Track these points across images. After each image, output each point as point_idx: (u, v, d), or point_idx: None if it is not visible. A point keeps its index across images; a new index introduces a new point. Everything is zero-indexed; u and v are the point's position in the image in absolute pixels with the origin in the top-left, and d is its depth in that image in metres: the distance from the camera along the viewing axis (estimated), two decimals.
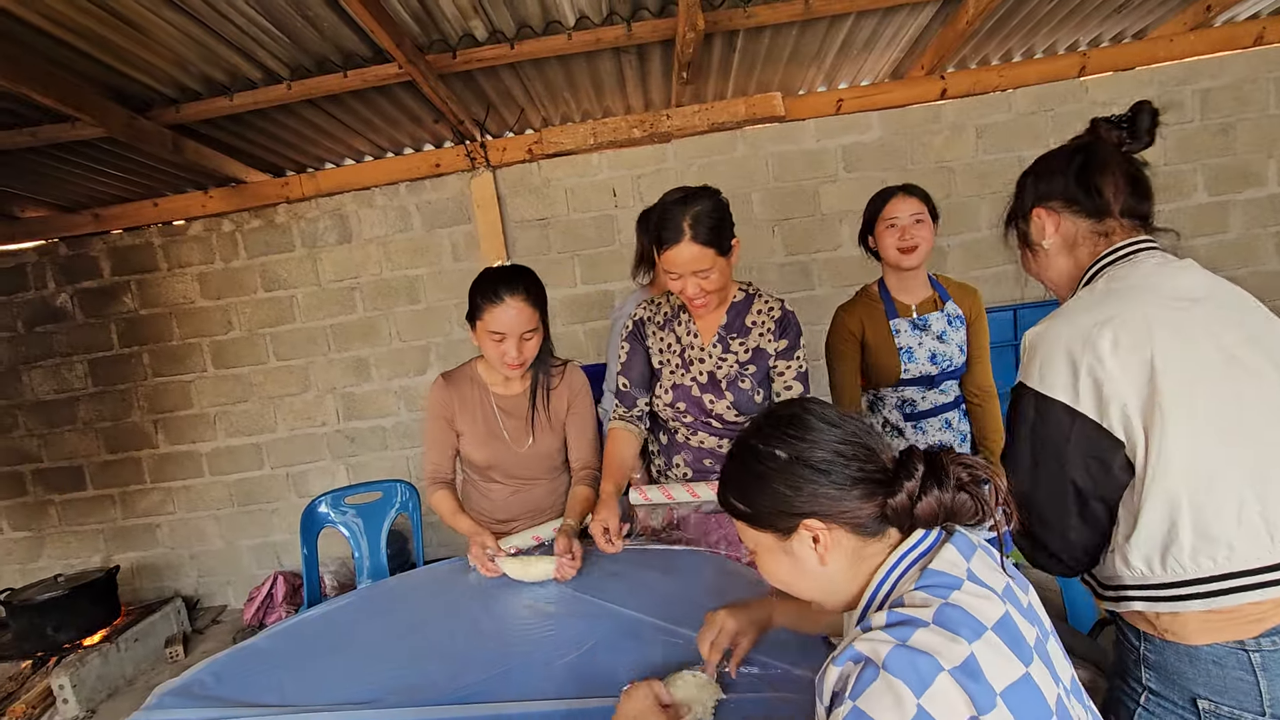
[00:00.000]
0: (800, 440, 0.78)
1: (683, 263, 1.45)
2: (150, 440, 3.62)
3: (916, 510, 0.74)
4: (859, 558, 0.77)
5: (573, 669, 1.13)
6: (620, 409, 1.68)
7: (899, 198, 1.83)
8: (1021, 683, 0.65)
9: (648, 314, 1.69)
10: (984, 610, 0.68)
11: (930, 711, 0.61)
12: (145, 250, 3.52)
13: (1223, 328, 0.91)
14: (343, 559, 3.46)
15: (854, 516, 0.75)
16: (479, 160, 3.35)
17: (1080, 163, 1.06)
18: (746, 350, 1.60)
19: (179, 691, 1.20)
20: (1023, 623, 0.70)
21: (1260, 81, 3.26)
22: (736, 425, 1.63)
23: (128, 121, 2.50)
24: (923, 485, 0.74)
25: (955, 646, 0.64)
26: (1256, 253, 3.37)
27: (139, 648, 3.16)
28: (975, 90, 3.29)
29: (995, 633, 0.67)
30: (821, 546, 0.76)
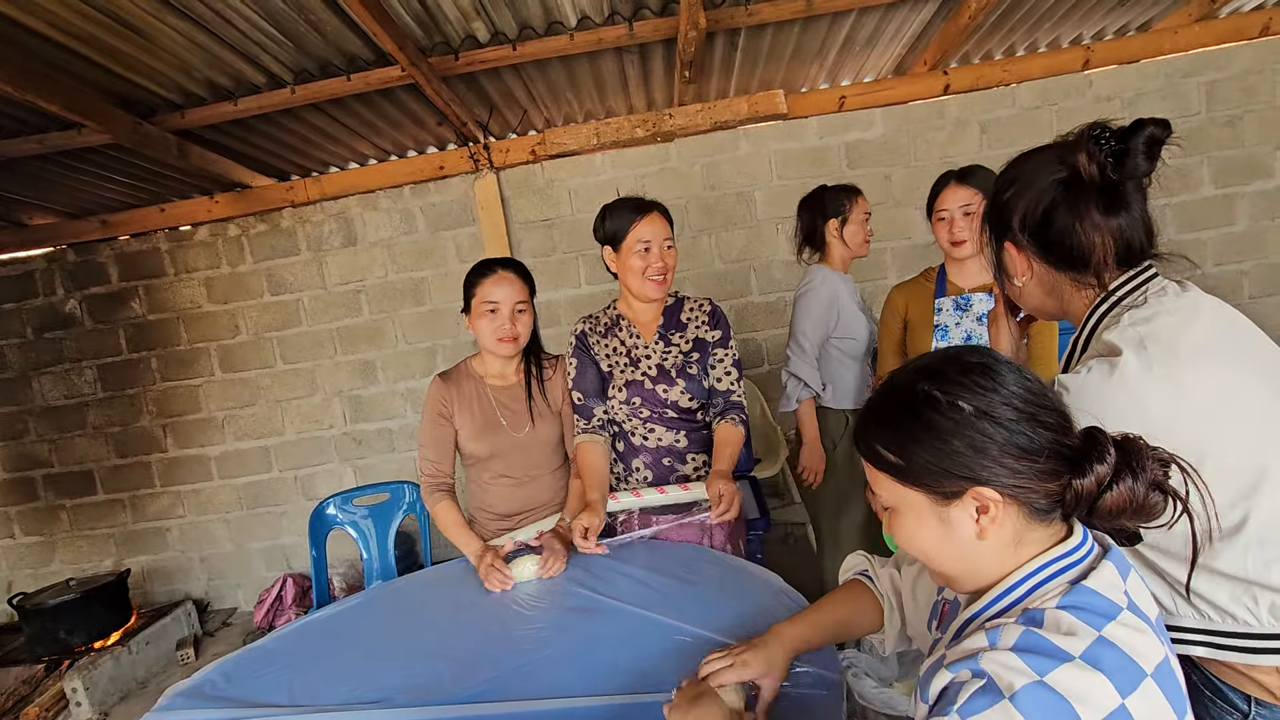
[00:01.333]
0: (992, 393, 0.65)
1: (656, 231, 1.60)
2: (159, 444, 3.65)
3: (1102, 500, 0.63)
4: (1018, 542, 0.66)
5: (581, 666, 1.13)
6: (580, 422, 1.71)
7: (950, 188, 1.81)
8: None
9: (587, 327, 1.75)
10: (1144, 651, 0.58)
11: None
12: (152, 256, 3.54)
13: (1259, 371, 0.84)
14: (351, 560, 3.47)
15: (1030, 493, 0.64)
16: (482, 162, 3.36)
17: (1049, 207, 0.90)
18: (687, 342, 1.70)
19: (190, 692, 1.21)
20: (1176, 665, 0.61)
21: (1267, 72, 3.24)
22: (691, 412, 1.68)
23: (133, 127, 2.52)
24: (1116, 472, 0.63)
25: (1106, 697, 0.54)
26: (1264, 245, 3.34)
27: (150, 650, 3.18)
28: (978, 85, 3.27)
29: (1155, 681, 0.57)
30: (988, 519, 0.65)
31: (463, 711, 1.05)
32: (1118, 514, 0.64)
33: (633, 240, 1.60)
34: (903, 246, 3.45)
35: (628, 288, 1.69)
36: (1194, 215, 3.33)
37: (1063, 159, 0.90)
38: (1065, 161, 0.89)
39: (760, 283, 3.48)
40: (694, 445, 1.71)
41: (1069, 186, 0.89)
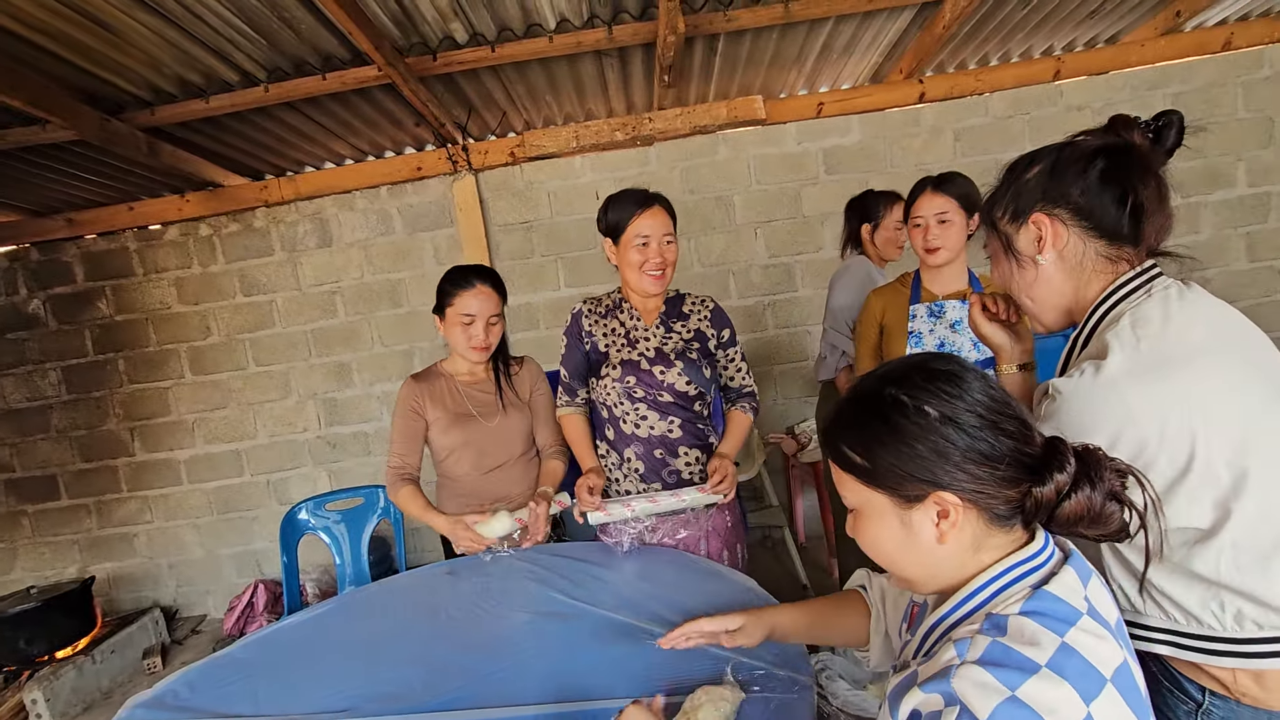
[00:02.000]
0: (956, 399, 0.66)
1: (657, 225, 1.60)
2: (127, 448, 3.56)
3: (1061, 509, 0.65)
4: (977, 547, 0.68)
5: (553, 673, 1.12)
6: (564, 398, 1.77)
7: (926, 195, 1.81)
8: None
9: (587, 308, 1.76)
10: (1104, 656, 0.60)
11: None
12: (120, 255, 3.46)
13: (1262, 378, 0.85)
14: (324, 566, 3.42)
15: (990, 499, 0.66)
16: (461, 163, 3.34)
17: (1106, 168, 0.88)
18: (688, 331, 1.71)
19: (152, 703, 1.18)
20: (1135, 668, 0.63)
21: (1229, 85, 3.33)
22: (686, 397, 1.66)
23: (100, 124, 2.47)
24: (1075, 481, 0.64)
25: (1073, 707, 0.56)
26: (1226, 253, 3.44)
27: (116, 660, 3.10)
28: (953, 94, 3.33)
29: (1115, 685, 0.58)
30: (948, 524, 0.66)
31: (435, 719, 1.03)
32: (1075, 522, 0.66)
33: (632, 234, 1.59)
34: None
35: (626, 281, 1.69)
36: None
37: (1108, 137, 0.91)
38: (1110, 132, 0.91)
39: (739, 286, 3.50)
40: (687, 437, 1.67)
41: (1128, 147, 0.89)
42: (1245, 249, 3.44)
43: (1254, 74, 3.33)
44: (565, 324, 1.77)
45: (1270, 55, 3.31)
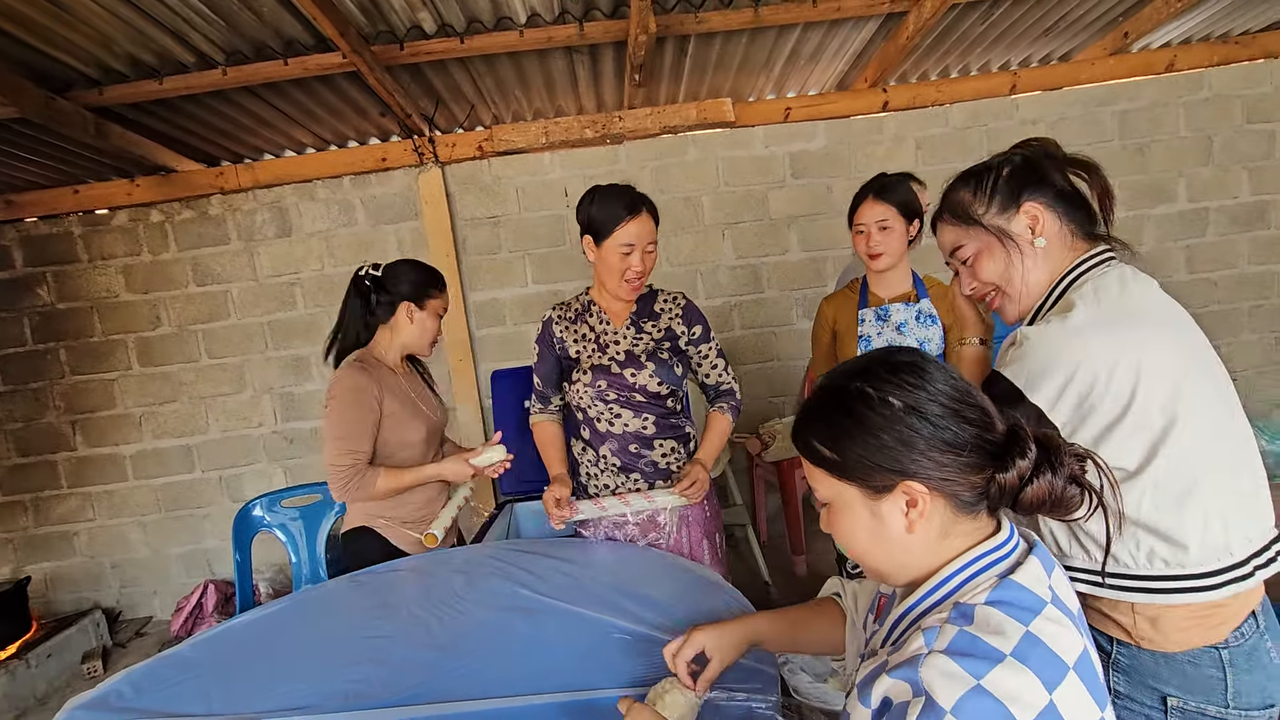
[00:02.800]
0: (919, 390, 0.69)
1: (643, 234, 1.57)
2: (67, 442, 3.40)
3: (1024, 494, 0.67)
4: (945, 535, 0.70)
5: (517, 668, 1.12)
6: (537, 405, 1.76)
7: (867, 203, 1.84)
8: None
9: (556, 314, 1.75)
10: (1066, 645, 0.62)
11: None
12: (64, 240, 3.31)
13: (1205, 353, 0.96)
14: (279, 565, 3.32)
15: (956, 486, 0.68)
16: (427, 156, 3.29)
17: (1069, 164, 1.03)
18: (659, 330, 1.71)
19: (93, 704, 1.13)
20: (1094, 654, 0.65)
21: (1171, 106, 3.50)
22: (659, 397, 1.67)
23: (45, 102, 2.35)
24: (1036, 466, 0.67)
25: (1035, 695, 0.58)
26: (1166, 265, 3.61)
27: (52, 664, 2.96)
28: (915, 104, 3.42)
29: (1077, 673, 0.61)
30: (916, 512, 0.68)
31: (393, 715, 1.02)
32: (1038, 506, 0.68)
33: (618, 240, 1.56)
34: (844, 255, 3.55)
35: (601, 281, 1.68)
36: None
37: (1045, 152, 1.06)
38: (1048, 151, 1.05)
39: (706, 286, 3.53)
40: (662, 431, 1.68)
41: (1073, 160, 1.05)
42: (1184, 261, 3.62)
43: (1195, 95, 3.50)
44: (536, 327, 1.76)
45: (1210, 78, 3.49)
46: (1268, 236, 3.60)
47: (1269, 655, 0.91)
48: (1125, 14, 3.06)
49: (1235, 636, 0.88)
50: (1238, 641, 0.88)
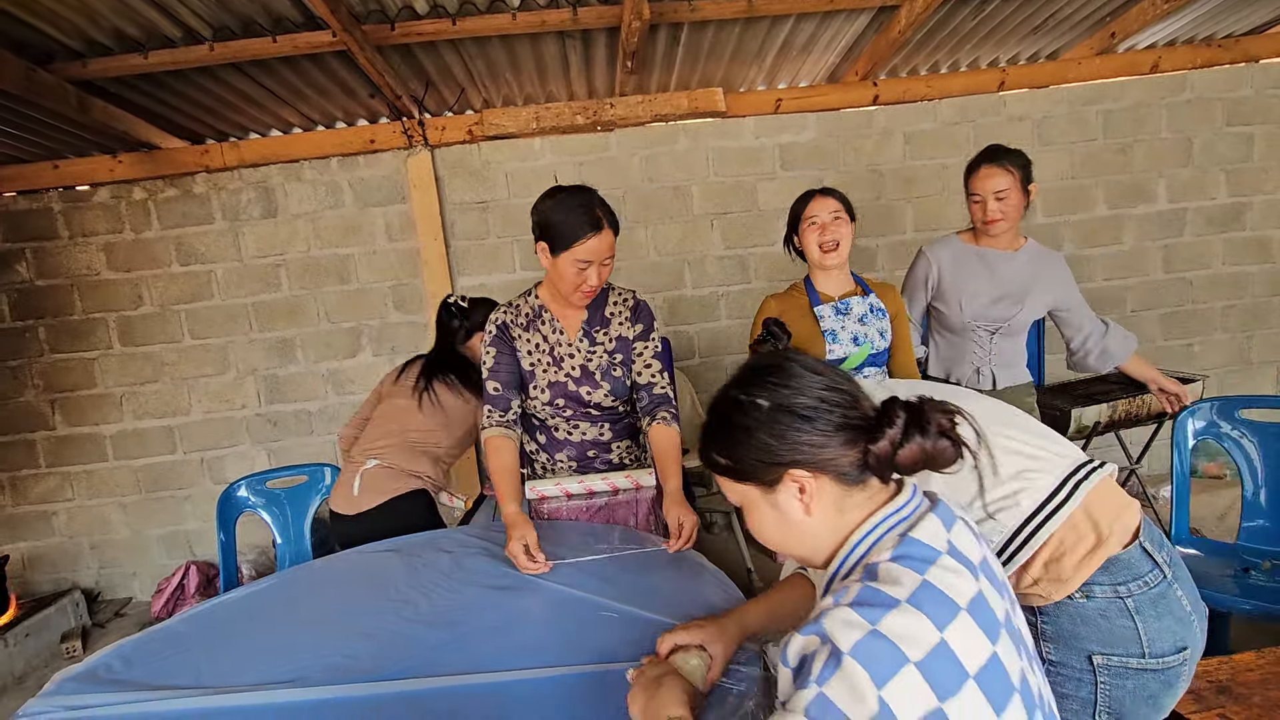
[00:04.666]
0: (783, 387, 0.77)
1: (602, 250, 1.52)
2: (46, 421, 3.36)
3: (899, 457, 0.74)
4: (842, 509, 0.77)
5: (504, 643, 1.14)
6: (495, 414, 1.63)
7: (818, 198, 1.89)
8: (990, 664, 0.64)
9: (509, 318, 1.69)
10: (960, 589, 0.67)
11: (891, 704, 0.60)
12: (43, 216, 3.25)
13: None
14: (262, 547, 3.32)
15: (837, 464, 0.75)
16: (416, 139, 3.27)
17: None
18: (611, 340, 1.68)
19: (82, 677, 1.13)
20: (994, 598, 0.70)
21: (1155, 106, 3.56)
22: (614, 410, 1.70)
23: (25, 74, 2.30)
24: (905, 432, 0.73)
25: (926, 633, 0.63)
26: (1145, 264, 3.68)
27: (31, 643, 2.94)
28: (905, 98, 3.45)
29: (969, 613, 0.66)
30: (807, 496, 0.76)
31: (382, 689, 1.03)
32: (918, 465, 0.74)
33: (575, 255, 1.50)
34: None
35: (554, 289, 1.65)
36: (1088, 232, 3.63)
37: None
38: None
39: (694, 276, 3.55)
40: (618, 435, 1.72)
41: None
42: (1162, 260, 3.69)
43: (1177, 96, 3.56)
44: (485, 337, 1.69)
45: (1193, 80, 3.55)
46: (1242, 238, 3.68)
47: (1179, 603, 0.98)
48: (1113, 14, 3.11)
49: (1138, 585, 0.97)
50: (1141, 590, 0.97)
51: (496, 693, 1.00)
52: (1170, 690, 0.97)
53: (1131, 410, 2.81)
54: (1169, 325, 3.74)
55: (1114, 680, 0.96)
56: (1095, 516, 1.00)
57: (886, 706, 0.60)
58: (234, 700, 1.04)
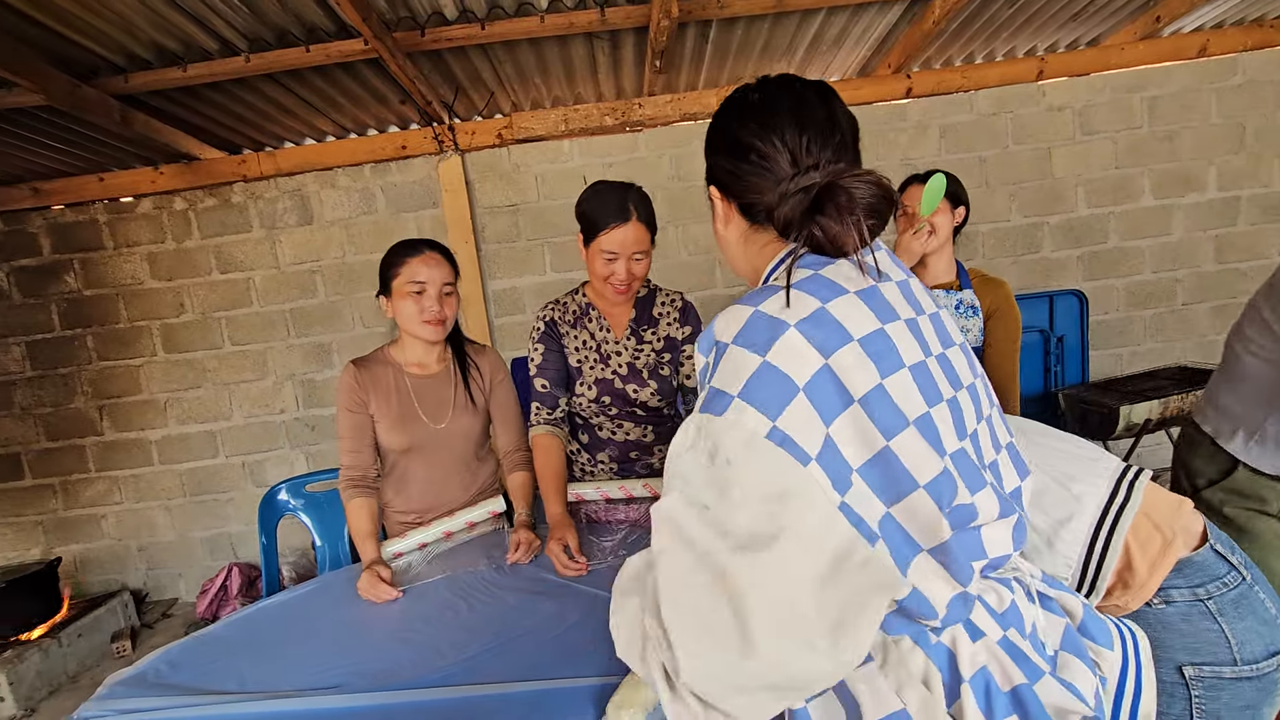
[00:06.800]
0: (735, 114, 0.83)
1: (627, 243, 1.48)
2: (95, 427, 3.46)
3: (775, 215, 0.78)
4: (747, 240, 0.84)
5: (544, 652, 1.12)
6: (543, 411, 1.63)
7: (913, 187, 1.85)
8: (877, 336, 0.68)
9: (556, 314, 1.67)
10: (850, 280, 0.72)
11: (778, 364, 0.65)
12: (89, 228, 3.35)
13: None
14: (302, 549, 3.37)
15: (744, 198, 0.82)
16: (447, 143, 3.29)
17: None
18: (659, 339, 1.66)
19: (132, 681, 1.15)
20: (901, 304, 0.74)
21: (1203, 91, 3.42)
22: (660, 411, 1.69)
23: (71, 89, 2.37)
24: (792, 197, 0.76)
25: (805, 301, 0.68)
26: (1196, 255, 3.54)
27: (83, 643, 3.03)
28: (939, 90, 3.36)
29: (859, 297, 0.70)
30: (718, 213, 0.87)
31: (426, 695, 1.03)
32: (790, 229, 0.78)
33: (600, 245, 1.49)
34: None
35: (592, 284, 1.66)
36: (1135, 224, 3.50)
37: None
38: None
39: (725, 276, 3.51)
40: (660, 439, 1.71)
41: None
42: (1214, 251, 3.54)
43: (1227, 81, 3.42)
44: (533, 333, 1.67)
45: (1243, 63, 3.40)
46: None
47: (1262, 604, 0.93)
48: None
49: (1217, 586, 0.92)
50: (1221, 591, 0.92)
51: (541, 701, 0.99)
52: (1269, 698, 0.92)
53: (1184, 407, 2.70)
54: (1221, 318, 3.58)
55: (1208, 693, 0.92)
56: (1154, 518, 0.96)
57: (773, 367, 0.65)
58: (279, 706, 1.05)
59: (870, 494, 0.65)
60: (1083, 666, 0.73)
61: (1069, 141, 3.42)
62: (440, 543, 1.61)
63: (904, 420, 0.66)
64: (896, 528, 0.66)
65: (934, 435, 0.67)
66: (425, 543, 1.59)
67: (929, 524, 0.66)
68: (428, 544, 1.60)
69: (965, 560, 0.67)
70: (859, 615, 0.61)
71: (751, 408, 0.64)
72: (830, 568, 0.61)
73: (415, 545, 1.59)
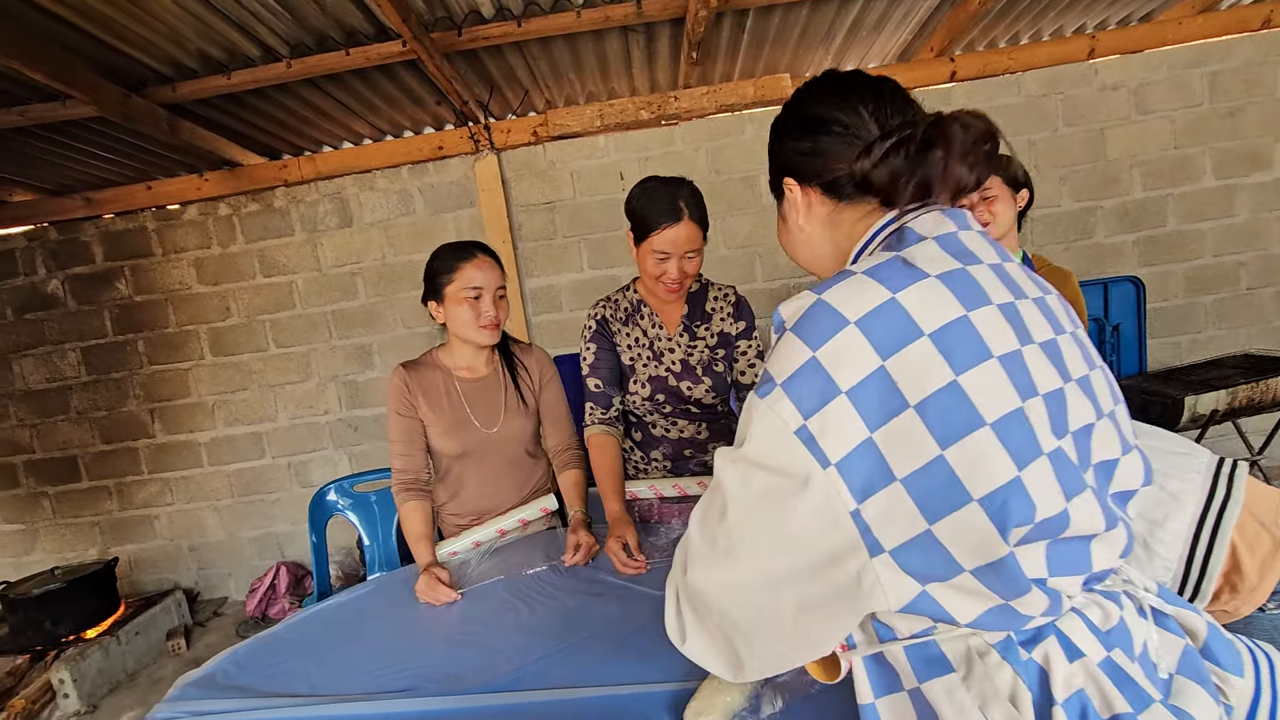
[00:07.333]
0: (800, 107, 0.80)
1: (679, 243, 1.46)
2: (147, 430, 3.55)
3: (873, 174, 0.72)
4: (834, 224, 0.78)
5: (613, 656, 1.10)
6: (597, 411, 1.62)
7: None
8: (957, 326, 0.62)
9: (608, 312, 1.66)
10: (934, 262, 0.65)
11: (825, 364, 0.61)
12: (139, 235, 3.43)
13: None
14: (347, 549, 3.41)
15: (825, 176, 0.76)
16: (483, 143, 3.29)
17: None
18: (713, 335, 1.63)
19: (202, 682, 1.16)
20: (995, 287, 0.66)
21: (1269, 64, 3.25)
22: (714, 408, 1.65)
23: (122, 100, 2.42)
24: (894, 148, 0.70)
25: (873, 293, 0.63)
26: (1263, 237, 3.37)
27: (140, 641, 3.11)
28: (985, 73, 3.26)
29: (941, 281, 0.64)
30: (799, 205, 0.80)
31: (496, 700, 1.01)
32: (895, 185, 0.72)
33: (652, 245, 1.47)
34: None
35: (643, 282, 1.63)
36: (1195, 205, 3.35)
37: None
38: None
39: (764, 269, 3.46)
40: (715, 436, 1.68)
41: None
42: None
43: None
44: (584, 332, 1.66)
45: None
46: None
47: None
48: None
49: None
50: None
51: (615, 707, 0.96)
52: None
53: (1254, 396, 2.57)
54: None
55: None
56: (1259, 515, 0.89)
57: (820, 365, 0.62)
58: (349, 709, 1.04)
59: (912, 508, 0.59)
60: (1203, 694, 0.64)
61: (1124, 122, 3.29)
62: (494, 540, 1.60)
63: (978, 420, 0.59)
64: (936, 548, 0.60)
65: (1020, 434, 0.60)
66: (480, 541, 1.58)
67: (980, 542, 0.59)
68: (482, 542, 1.58)
69: (1022, 579, 0.60)
70: (825, 623, 0.63)
71: (789, 400, 0.63)
72: (811, 570, 0.63)
73: (470, 544, 1.58)
